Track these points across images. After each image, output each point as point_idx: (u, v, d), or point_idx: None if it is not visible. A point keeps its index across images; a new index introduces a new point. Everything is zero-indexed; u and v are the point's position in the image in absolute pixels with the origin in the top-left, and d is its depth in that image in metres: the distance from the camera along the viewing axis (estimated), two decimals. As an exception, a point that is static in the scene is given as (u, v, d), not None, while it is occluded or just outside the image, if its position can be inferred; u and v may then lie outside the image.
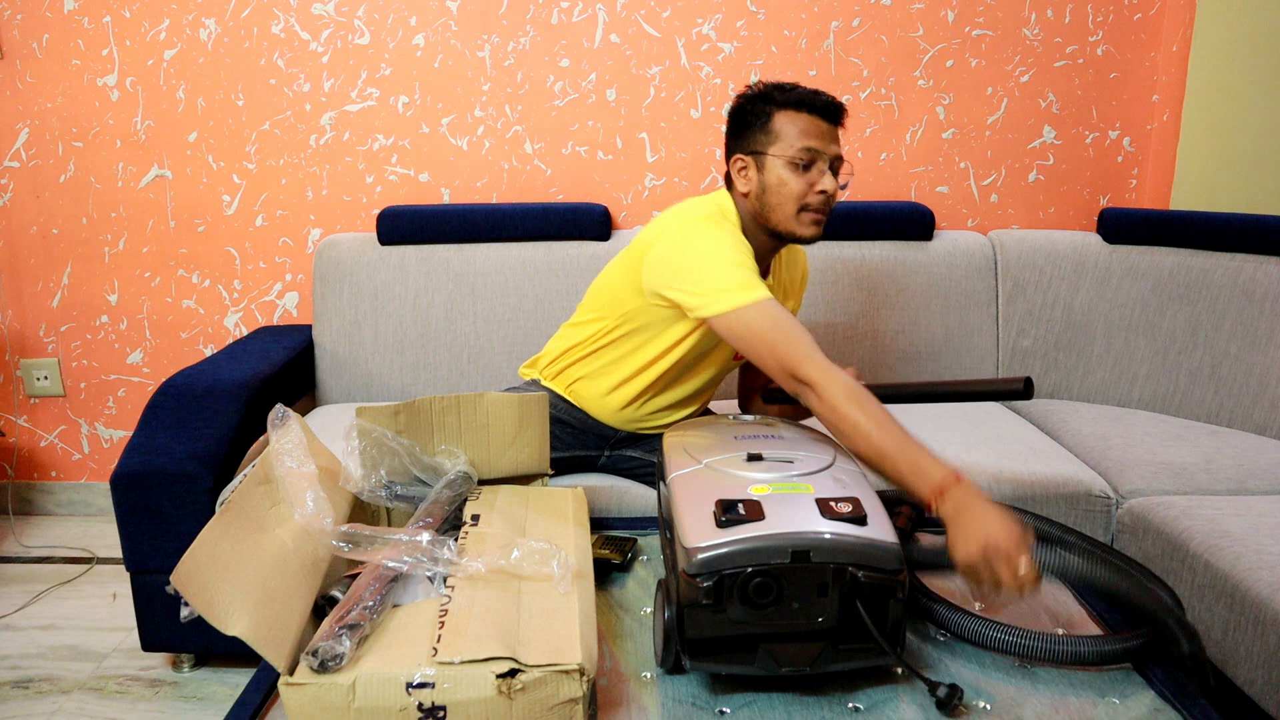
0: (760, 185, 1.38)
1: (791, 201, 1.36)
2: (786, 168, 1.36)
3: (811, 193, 1.36)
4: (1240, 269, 1.94)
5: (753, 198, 1.40)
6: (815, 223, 1.38)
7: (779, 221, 1.38)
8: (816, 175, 1.36)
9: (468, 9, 2.17)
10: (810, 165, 1.36)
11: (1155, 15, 2.19)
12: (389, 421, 1.09)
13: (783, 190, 1.36)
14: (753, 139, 1.39)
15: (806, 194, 1.36)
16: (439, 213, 2.11)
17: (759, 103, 1.39)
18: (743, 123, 1.42)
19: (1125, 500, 1.64)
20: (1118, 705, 0.87)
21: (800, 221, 1.37)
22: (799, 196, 1.36)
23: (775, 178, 1.37)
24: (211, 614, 0.74)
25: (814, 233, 1.39)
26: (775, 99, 1.38)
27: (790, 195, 1.36)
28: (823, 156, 1.36)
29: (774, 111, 1.37)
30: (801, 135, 1.35)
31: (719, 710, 0.86)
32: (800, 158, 1.35)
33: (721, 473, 0.97)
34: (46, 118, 2.24)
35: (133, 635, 1.86)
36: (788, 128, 1.36)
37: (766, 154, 1.37)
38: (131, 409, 2.42)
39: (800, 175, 1.36)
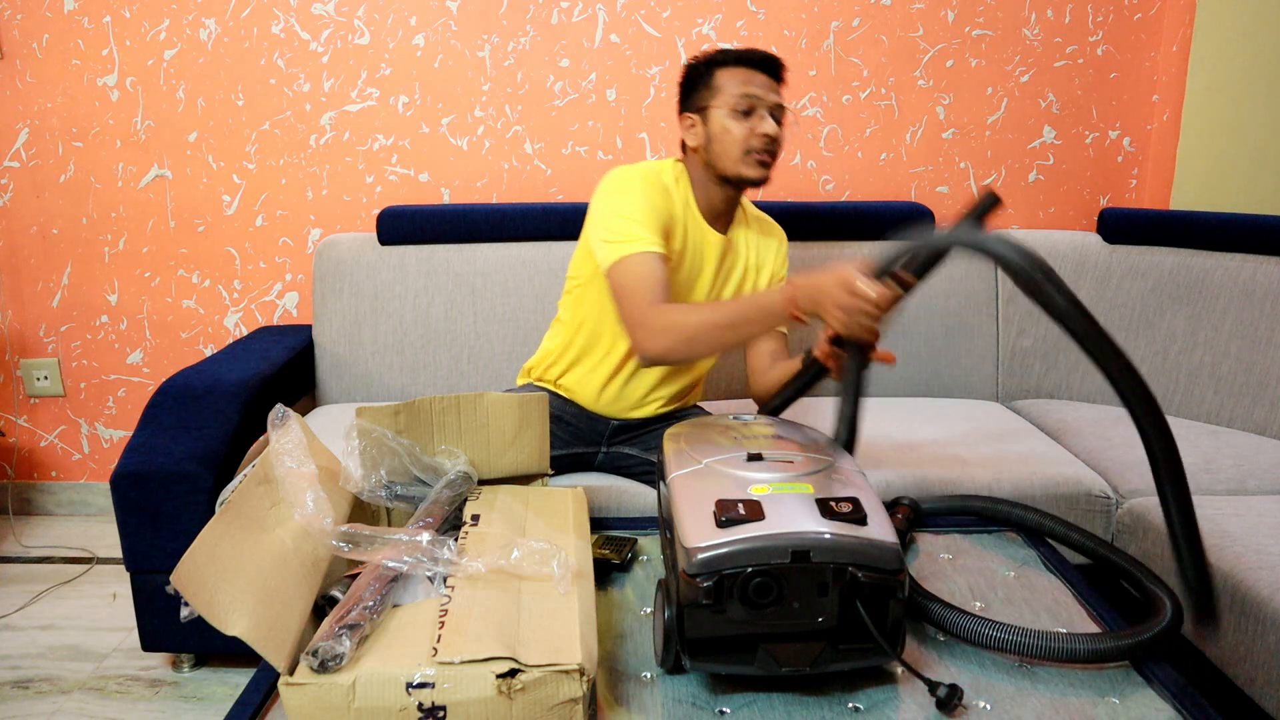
0: (707, 136, 1.49)
1: (736, 145, 1.46)
2: (729, 116, 1.46)
3: (753, 135, 1.45)
4: (1240, 269, 1.94)
5: (702, 151, 1.50)
6: (760, 163, 1.47)
7: (726, 166, 1.48)
8: (757, 120, 1.46)
9: (468, 9, 2.17)
10: (751, 111, 1.46)
11: (1155, 15, 2.19)
12: (389, 421, 1.09)
13: (727, 137, 1.46)
14: (697, 97, 1.51)
15: (749, 137, 1.45)
16: (439, 213, 2.11)
17: (702, 66, 1.51)
18: (689, 87, 1.53)
19: (1125, 500, 1.64)
20: (1118, 705, 0.87)
21: (746, 163, 1.47)
22: (742, 140, 1.45)
23: (719, 126, 1.47)
24: (211, 614, 0.74)
25: (760, 173, 1.48)
26: (716, 60, 1.50)
27: (734, 140, 1.46)
28: (762, 103, 1.46)
29: (715, 70, 1.49)
30: (740, 85, 1.46)
31: (719, 710, 0.86)
32: (740, 104, 1.45)
33: (721, 473, 0.97)
34: (46, 118, 2.24)
35: (133, 635, 1.86)
36: (728, 81, 1.47)
37: (710, 107, 1.48)
38: (131, 409, 2.42)
39: (742, 121, 1.46)
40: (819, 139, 2.25)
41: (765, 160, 1.47)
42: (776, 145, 1.48)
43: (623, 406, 1.63)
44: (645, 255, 1.38)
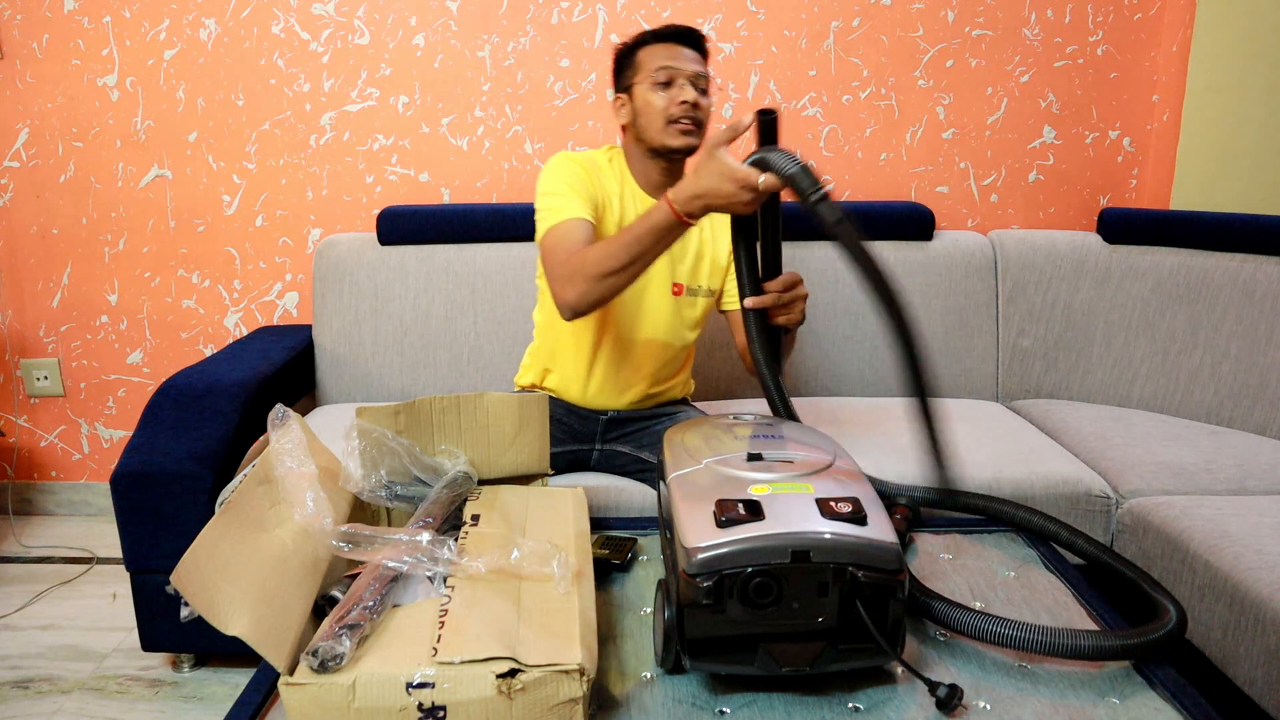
0: (634, 113, 1.54)
1: (659, 116, 1.50)
2: (650, 89, 1.51)
3: (673, 104, 1.49)
4: (1240, 269, 1.94)
5: (632, 128, 1.56)
6: (684, 132, 1.50)
7: (653, 138, 1.52)
8: (677, 90, 1.50)
9: (468, 9, 2.17)
10: (670, 83, 1.50)
11: (1155, 15, 2.19)
12: (389, 421, 1.09)
13: (649, 109, 1.51)
14: (624, 77, 1.57)
15: (669, 106, 1.50)
16: (439, 213, 2.11)
17: (626, 47, 1.58)
18: (617, 70, 1.59)
19: (1125, 500, 1.64)
20: (1118, 705, 0.87)
21: (669, 133, 1.50)
22: (663, 110, 1.50)
23: (643, 101, 1.52)
24: (211, 614, 0.74)
25: (684, 141, 1.51)
26: (640, 40, 1.56)
27: (656, 111, 1.50)
28: (680, 73, 1.50)
29: (638, 50, 1.55)
30: (659, 59, 1.52)
31: (719, 710, 0.86)
32: (660, 76, 1.50)
33: (721, 473, 0.97)
34: (46, 118, 2.24)
35: (133, 635, 1.86)
36: (648, 58, 1.53)
37: (634, 84, 1.54)
38: (131, 409, 2.42)
39: (663, 92, 1.51)
40: (819, 139, 2.25)
41: (688, 129, 1.51)
42: (699, 112, 1.51)
43: (613, 393, 1.64)
44: (566, 221, 1.43)
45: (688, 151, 1.54)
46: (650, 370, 1.64)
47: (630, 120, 1.56)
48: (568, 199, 1.46)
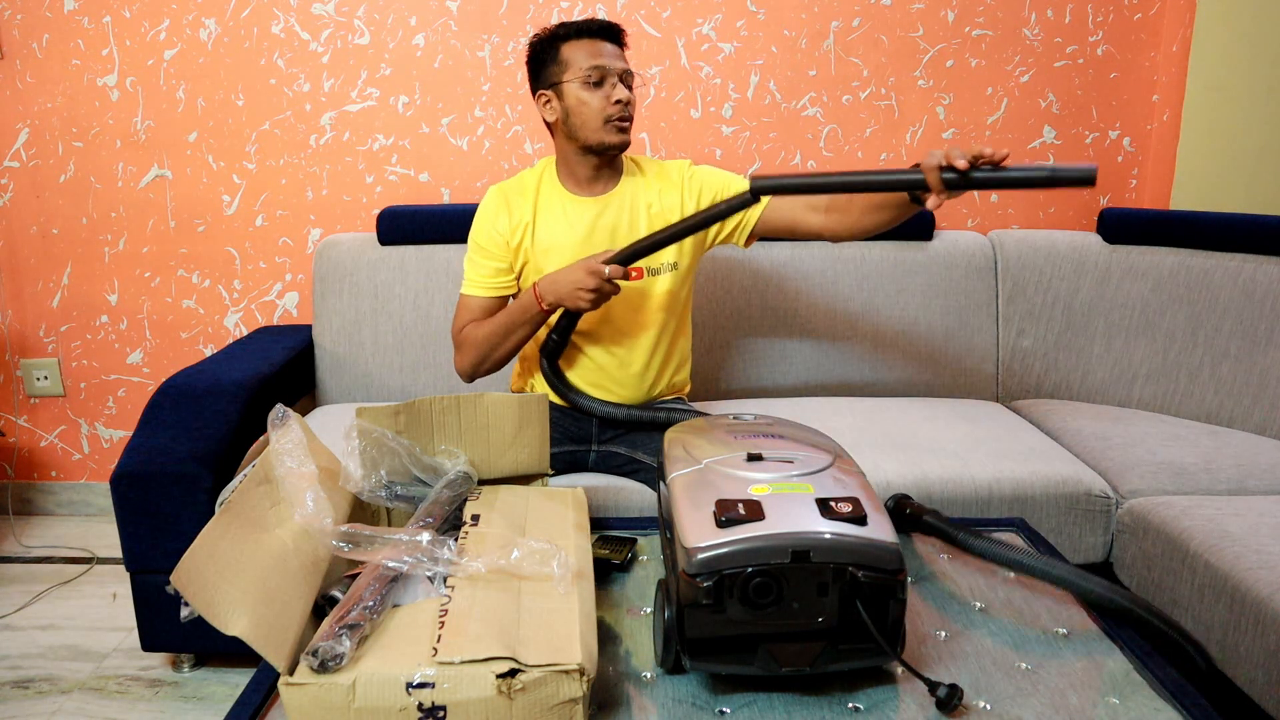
0: (564, 111, 1.54)
1: (595, 115, 1.52)
2: (582, 88, 1.51)
3: (609, 104, 1.51)
4: (1240, 269, 1.94)
5: (561, 125, 1.56)
6: (620, 129, 1.53)
7: (588, 136, 1.53)
8: (610, 88, 1.51)
9: (468, 9, 2.17)
10: (602, 81, 1.51)
11: (1155, 15, 2.19)
12: (389, 421, 1.09)
13: (584, 109, 1.52)
14: (548, 74, 1.55)
15: (605, 106, 1.51)
16: (439, 213, 2.11)
17: (547, 42, 1.56)
18: (537, 64, 1.58)
19: (1125, 500, 1.64)
20: (1118, 705, 0.87)
21: (606, 131, 1.52)
22: (600, 110, 1.51)
23: (575, 100, 1.52)
24: (211, 614, 0.74)
25: (621, 139, 1.54)
26: (559, 34, 1.54)
27: (592, 111, 1.51)
28: (611, 71, 1.51)
29: (560, 45, 1.54)
30: (588, 57, 1.51)
31: (719, 710, 0.86)
32: (592, 75, 1.51)
33: (721, 473, 0.97)
34: (46, 118, 2.24)
35: (133, 635, 1.86)
36: (575, 55, 1.52)
37: (562, 83, 1.53)
38: (131, 409, 2.42)
39: (595, 91, 1.51)
40: (819, 139, 2.25)
41: (623, 126, 1.53)
42: (631, 109, 1.54)
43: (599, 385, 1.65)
44: (467, 297, 1.63)
45: (622, 147, 1.56)
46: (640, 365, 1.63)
47: (560, 118, 1.55)
48: (475, 267, 1.62)
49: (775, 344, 2.11)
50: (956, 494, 1.63)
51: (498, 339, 1.56)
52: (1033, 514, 1.64)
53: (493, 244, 1.61)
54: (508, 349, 1.57)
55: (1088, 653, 0.96)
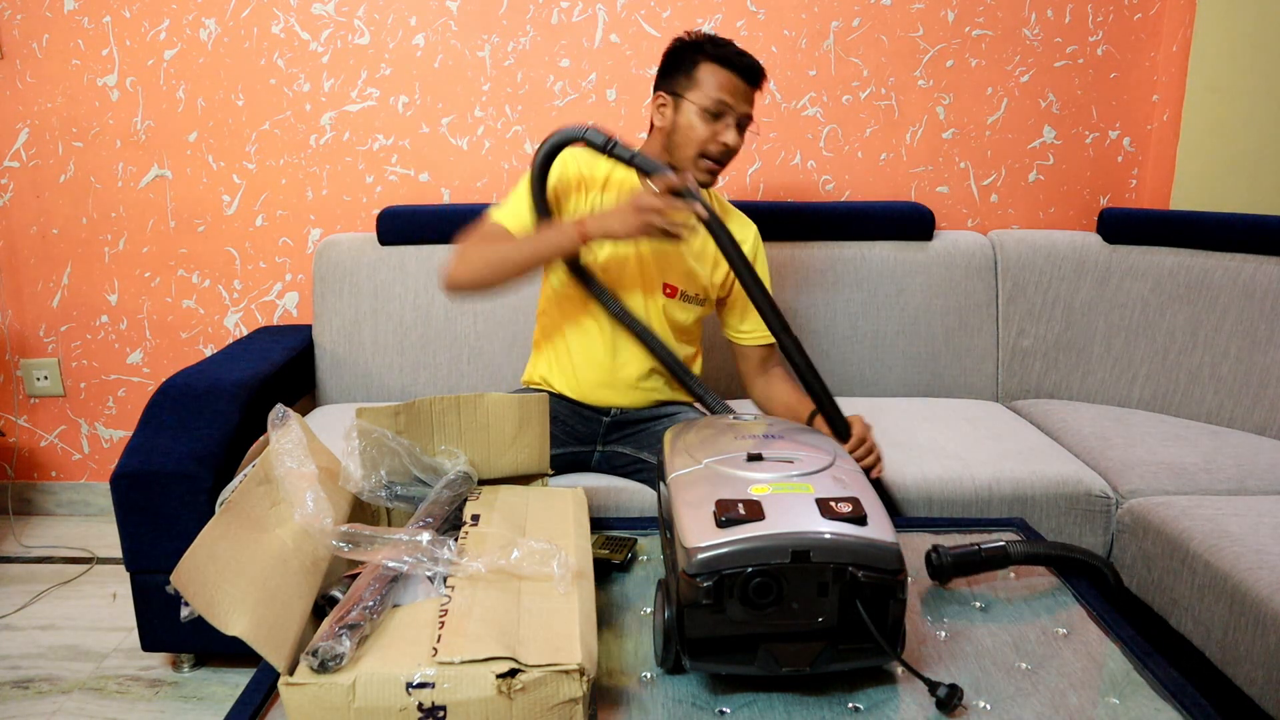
0: (672, 124, 1.51)
1: (694, 145, 1.48)
2: (699, 114, 1.48)
3: (714, 141, 1.48)
4: (1240, 269, 1.94)
5: (664, 134, 1.52)
6: (710, 171, 1.50)
7: (678, 161, 1.50)
8: (723, 127, 1.48)
9: (468, 9, 2.17)
10: (720, 116, 1.47)
11: (1155, 15, 2.19)
12: (389, 422, 1.09)
13: (690, 133, 1.48)
14: (676, 81, 1.51)
15: (709, 142, 1.48)
16: (439, 213, 2.11)
17: (691, 50, 1.51)
18: (672, 65, 1.53)
19: (1125, 500, 1.64)
20: (1118, 705, 0.87)
21: (698, 166, 1.49)
22: (702, 142, 1.48)
23: (686, 120, 1.49)
24: (211, 614, 0.74)
25: (707, 180, 1.51)
26: (706, 50, 1.49)
27: (695, 139, 1.48)
28: (733, 112, 1.48)
29: (701, 61, 1.49)
30: (719, 88, 1.47)
31: (719, 710, 0.86)
32: (713, 107, 1.47)
33: (721, 473, 0.97)
34: (46, 118, 2.24)
35: (133, 635, 1.86)
36: (708, 78, 1.47)
37: (685, 97, 1.49)
38: (131, 409, 2.42)
39: (709, 124, 1.48)
40: (819, 139, 2.25)
41: (715, 169, 1.50)
42: (731, 156, 1.51)
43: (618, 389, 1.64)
44: (493, 222, 1.50)
45: (706, 186, 1.53)
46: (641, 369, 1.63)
47: (667, 128, 1.52)
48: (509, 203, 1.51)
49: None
50: (956, 494, 1.63)
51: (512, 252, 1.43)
52: (1033, 514, 1.64)
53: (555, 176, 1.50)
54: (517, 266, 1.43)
55: (1088, 653, 0.96)
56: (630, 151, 1.39)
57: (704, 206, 1.32)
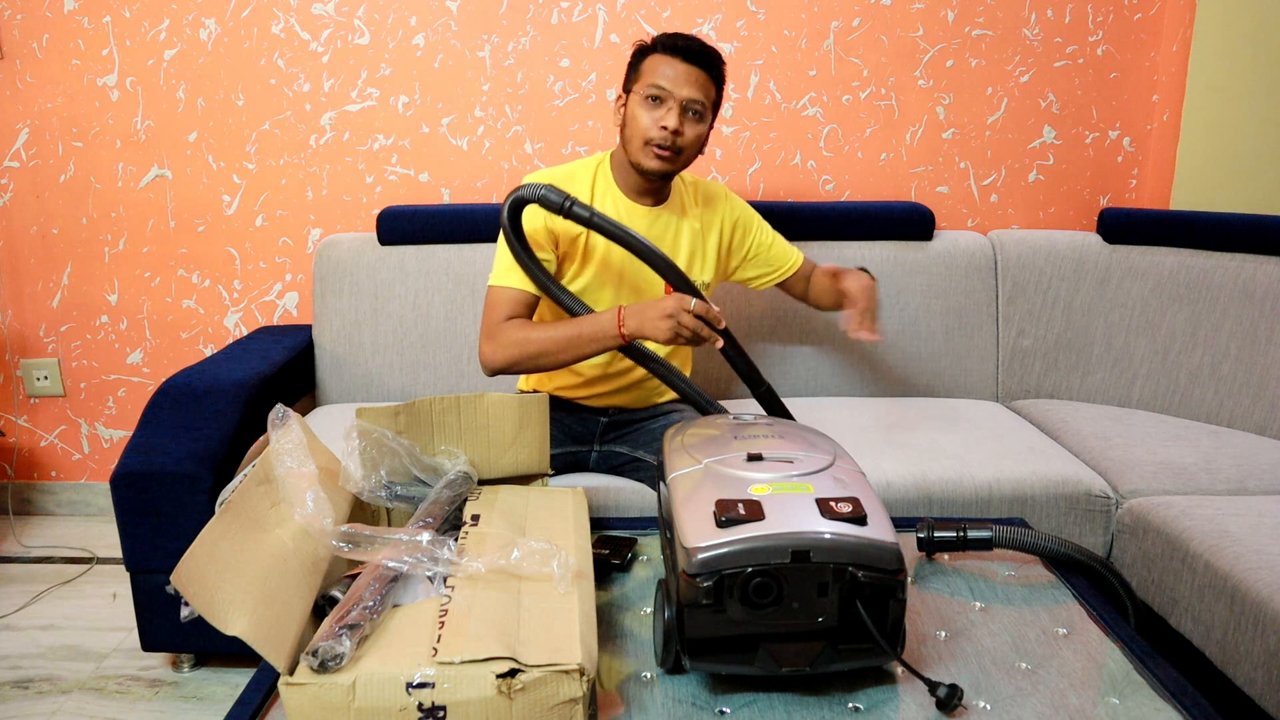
0: (623, 120, 1.53)
1: (638, 134, 1.49)
2: (641, 104, 1.49)
3: (654, 127, 1.47)
4: (1240, 269, 1.94)
5: (621, 132, 1.54)
6: (657, 157, 1.49)
7: (630, 153, 1.52)
8: (663, 112, 1.47)
9: (468, 9, 2.17)
10: (660, 101, 1.47)
11: (1155, 15, 2.19)
12: (389, 422, 1.09)
13: (634, 124, 1.50)
14: (628, 79, 1.54)
15: (651, 128, 1.47)
16: (439, 213, 2.11)
17: (642, 48, 1.53)
18: (629, 67, 1.55)
19: (1125, 500, 1.64)
20: (1118, 705, 0.87)
21: (644, 153, 1.49)
22: (644, 130, 1.48)
23: (631, 113, 1.50)
24: (211, 614, 0.74)
25: (656, 166, 1.50)
26: (652, 44, 1.51)
27: (638, 129, 1.49)
28: (672, 96, 1.46)
29: (647, 54, 1.50)
30: (656, 75, 1.47)
31: (719, 710, 0.86)
32: (650, 93, 1.47)
33: (721, 473, 0.97)
34: (46, 118, 2.24)
35: (133, 635, 1.86)
36: (649, 68, 1.49)
37: (632, 92, 1.51)
38: (131, 409, 2.42)
39: (649, 111, 1.48)
40: (819, 139, 2.25)
41: (663, 155, 1.48)
42: (679, 139, 1.48)
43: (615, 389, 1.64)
44: (506, 289, 1.50)
45: (661, 175, 1.53)
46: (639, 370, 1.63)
47: (620, 125, 1.55)
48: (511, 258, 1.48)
49: (775, 344, 2.11)
50: (956, 494, 1.63)
51: (555, 348, 1.44)
52: (1033, 514, 1.64)
53: (538, 233, 1.51)
54: (559, 362, 1.46)
55: (1088, 653, 0.96)
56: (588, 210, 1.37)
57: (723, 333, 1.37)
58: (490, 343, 1.49)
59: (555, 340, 1.44)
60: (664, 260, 1.38)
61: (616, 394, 1.65)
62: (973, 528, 1.13)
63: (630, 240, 1.37)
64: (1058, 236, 2.14)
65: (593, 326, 1.42)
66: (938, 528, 1.14)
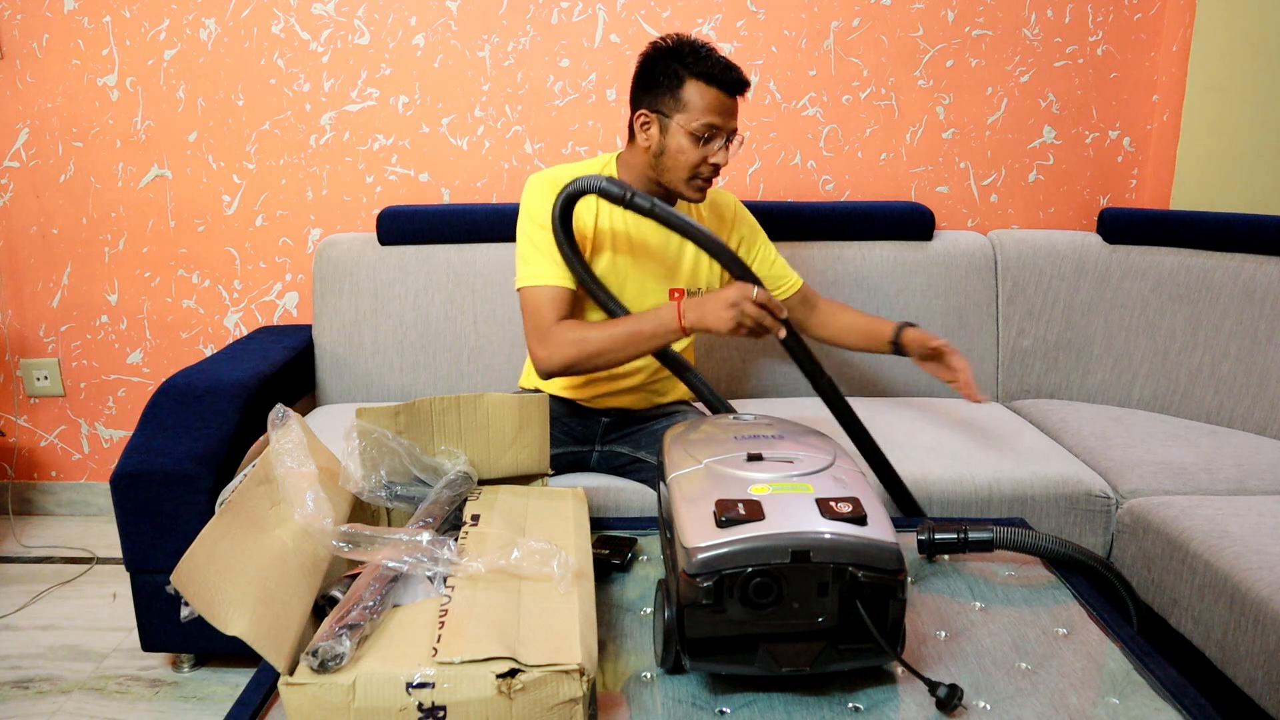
0: (660, 146, 1.48)
1: (685, 169, 1.47)
2: (688, 138, 1.44)
3: (705, 164, 1.46)
4: (1240, 269, 1.94)
5: (651, 154, 1.49)
6: (700, 189, 1.50)
7: (670, 182, 1.49)
8: (713, 149, 1.46)
9: (468, 9, 2.17)
10: (710, 139, 1.45)
11: (1155, 15, 2.19)
12: (389, 422, 1.09)
13: (680, 157, 1.46)
14: (660, 100, 1.46)
15: (700, 165, 1.46)
16: (439, 213, 2.11)
17: (672, 62, 1.45)
18: (652, 79, 1.47)
19: (1125, 500, 1.64)
20: (1118, 705, 0.87)
21: (689, 187, 1.49)
22: (693, 165, 1.46)
23: (675, 144, 1.46)
24: (211, 614, 0.74)
25: (699, 198, 1.51)
26: (689, 64, 1.44)
27: (686, 164, 1.46)
28: (722, 132, 1.45)
29: (685, 78, 1.44)
30: (707, 110, 1.43)
31: (719, 710, 0.86)
32: (702, 132, 1.44)
33: (721, 473, 0.97)
34: (46, 118, 2.24)
35: (133, 635, 1.86)
36: (696, 99, 1.43)
37: (671, 119, 1.45)
38: (131, 409, 2.42)
39: (699, 148, 1.45)
40: (819, 139, 2.25)
41: (705, 187, 1.50)
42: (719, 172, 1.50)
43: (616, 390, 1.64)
44: (546, 288, 1.47)
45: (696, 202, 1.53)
46: (646, 373, 1.64)
47: (652, 149, 1.49)
48: (543, 253, 1.47)
49: (776, 344, 2.10)
50: (956, 494, 1.63)
51: (615, 346, 1.41)
52: (1033, 514, 1.64)
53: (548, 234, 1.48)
54: (619, 360, 1.44)
55: (1088, 653, 0.96)
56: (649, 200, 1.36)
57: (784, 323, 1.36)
58: (545, 346, 1.46)
59: (614, 338, 1.41)
60: (725, 250, 1.36)
61: (618, 395, 1.65)
62: (973, 529, 1.13)
63: (691, 230, 1.35)
64: (1058, 236, 2.14)
65: (653, 322, 1.39)
66: (938, 530, 1.14)
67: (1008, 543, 1.12)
